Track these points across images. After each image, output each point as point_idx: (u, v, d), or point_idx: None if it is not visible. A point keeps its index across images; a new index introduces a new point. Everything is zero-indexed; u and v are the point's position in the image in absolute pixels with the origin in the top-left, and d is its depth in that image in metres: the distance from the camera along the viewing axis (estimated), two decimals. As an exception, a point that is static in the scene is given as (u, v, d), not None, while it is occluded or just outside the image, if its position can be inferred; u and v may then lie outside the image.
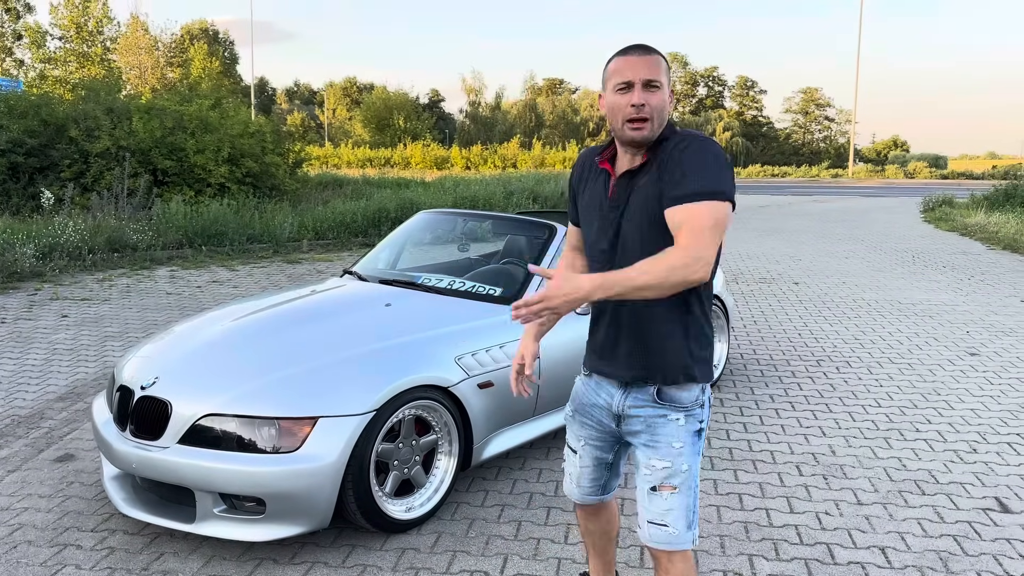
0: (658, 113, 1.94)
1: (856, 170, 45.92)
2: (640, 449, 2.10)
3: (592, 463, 2.28)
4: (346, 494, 3.01)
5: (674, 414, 2.05)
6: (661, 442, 2.05)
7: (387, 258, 4.70)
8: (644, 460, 2.08)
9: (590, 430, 2.24)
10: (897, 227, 14.26)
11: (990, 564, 3.02)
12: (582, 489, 2.35)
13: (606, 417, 2.17)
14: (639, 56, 1.96)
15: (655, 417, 2.06)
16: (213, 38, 57.36)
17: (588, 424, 2.24)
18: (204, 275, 9.22)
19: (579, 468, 2.31)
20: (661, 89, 1.95)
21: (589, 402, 2.22)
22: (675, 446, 2.04)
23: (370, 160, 45.39)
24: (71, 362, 5.62)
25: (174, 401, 3.07)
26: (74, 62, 35.86)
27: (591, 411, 2.21)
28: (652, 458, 2.06)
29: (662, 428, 2.05)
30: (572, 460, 2.33)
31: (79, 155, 12.92)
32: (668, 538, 2.06)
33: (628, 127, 1.94)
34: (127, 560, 3.01)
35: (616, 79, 1.96)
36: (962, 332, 6.60)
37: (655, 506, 2.06)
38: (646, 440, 2.07)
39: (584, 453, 2.28)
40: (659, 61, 1.96)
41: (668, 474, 2.04)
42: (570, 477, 2.36)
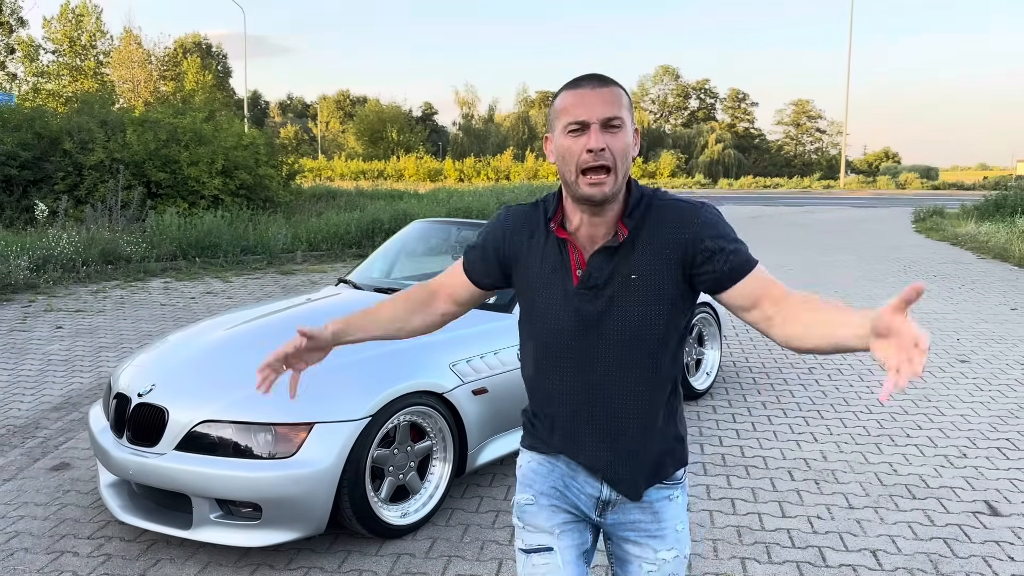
0: (622, 159, 1.51)
1: (848, 181, 46.20)
2: (640, 545, 1.69)
3: (575, 555, 1.71)
4: (342, 499, 3.04)
5: (674, 492, 1.71)
6: (667, 528, 1.69)
7: (382, 267, 4.74)
8: (649, 555, 1.69)
9: (564, 514, 1.72)
10: (888, 237, 14.36)
11: (979, 566, 3.06)
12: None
13: (586, 503, 1.71)
14: (593, 89, 1.53)
15: (660, 501, 1.69)
16: (206, 52, 57.48)
17: (561, 508, 1.72)
18: (198, 286, 9.24)
19: (559, 568, 1.68)
20: (623, 129, 1.52)
21: (560, 483, 1.72)
22: (679, 529, 1.71)
23: (363, 172, 45.49)
24: (66, 373, 5.63)
25: (170, 408, 3.09)
26: (67, 76, 35.90)
27: (566, 492, 1.72)
28: (660, 550, 1.68)
29: (666, 512, 1.69)
30: (543, 565, 1.70)
31: (73, 168, 12.94)
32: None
33: (584, 181, 1.51)
34: (124, 566, 3.02)
35: (566, 119, 1.53)
36: (953, 340, 6.66)
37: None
38: (652, 531, 1.69)
39: (562, 543, 1.70)
40: (619, 94, 1.54)
41: (676, 564, 1.70)
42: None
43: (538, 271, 1.65)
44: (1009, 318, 7.52)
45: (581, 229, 1.61)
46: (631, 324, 1.57)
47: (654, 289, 1.57)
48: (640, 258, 1.56)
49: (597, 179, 1.50)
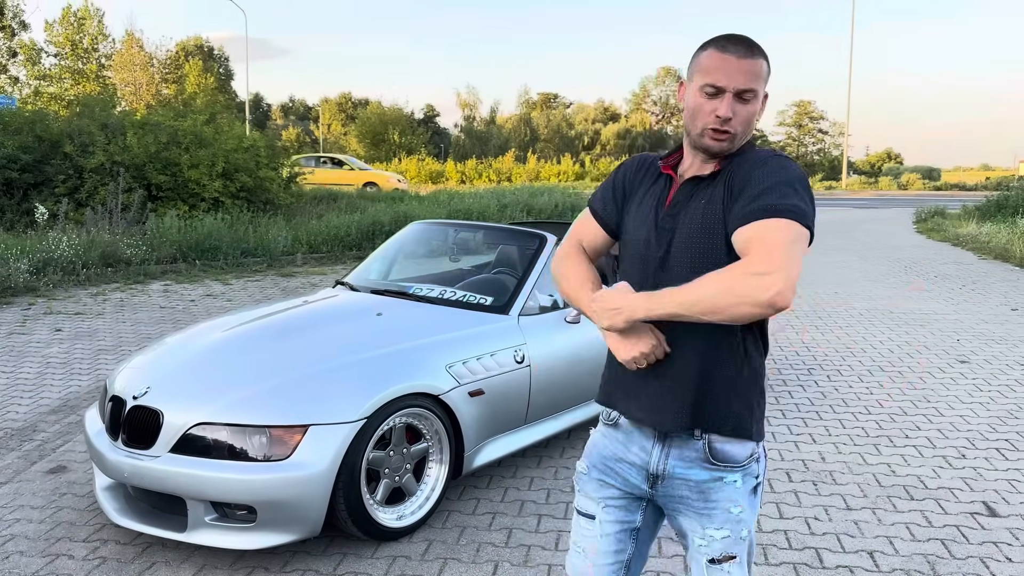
0: (744, 127, 1.66)
1: (850, 182, 46.14)
2: (689, 518, 1.75)
3: (616, 529, 1.81)
4: (337, 502, 3.03)
5: (730, 476, 1.71)
6: (718, 508, 1.72)
7: (379, 269, 4.73)
8: (697, 530, 1.75)
9: (611, 489, 1.81)
10: (890, 237, 14.33)
11: (977, 567, 3.05)
12: (598, 568, 1.82)
13: (636, 476, 1.78)
14: (739, 57, 1.62)
15: (709, 482, 1.71)
16: (208, 54, 57.54)
17: (608, 483, 1.81)
18: (198, 289, 9.24)
19: (598, 538, 1.81)
20: (754, 100, 1.65)
21: (613, 456, 1.81)
22: (733, 511, 1.72)
23: (365, 175, 45.51)
24: (64, 375, 5.63)
25: (166, 410, 3.09)
26: (69, 79, 35.94)
27: (615, 467, 1.80)
28: (708, 527, 1.73)
29: (717, 493, 1.72)
30: (586, 529, 1.83)
31: (74, 170, 12.95)
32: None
33: (708, 135, 1.65)
34: (119, 570, 3.02)
35: (705, 79, 1.64)
36: (953, 340, 6.64)
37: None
38: (700, 508, 1.73)
39: (605, 517, 1.81)
40: (760, 65, 1.64)
41: (728, 544, 1.73)
42: (582, 553, 1.84)
43: (640, 205, 1.79)
44: (1010, 318, 7.50)
45: (689, 171, 1.74)
46: (694, 246, 1.67)
47: (716, 213, 1.64)
48: (716, 190, 1.67)
49: (719, 138, 1.65)
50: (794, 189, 1.58)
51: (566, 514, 3.50)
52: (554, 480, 3.86)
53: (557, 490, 3.74)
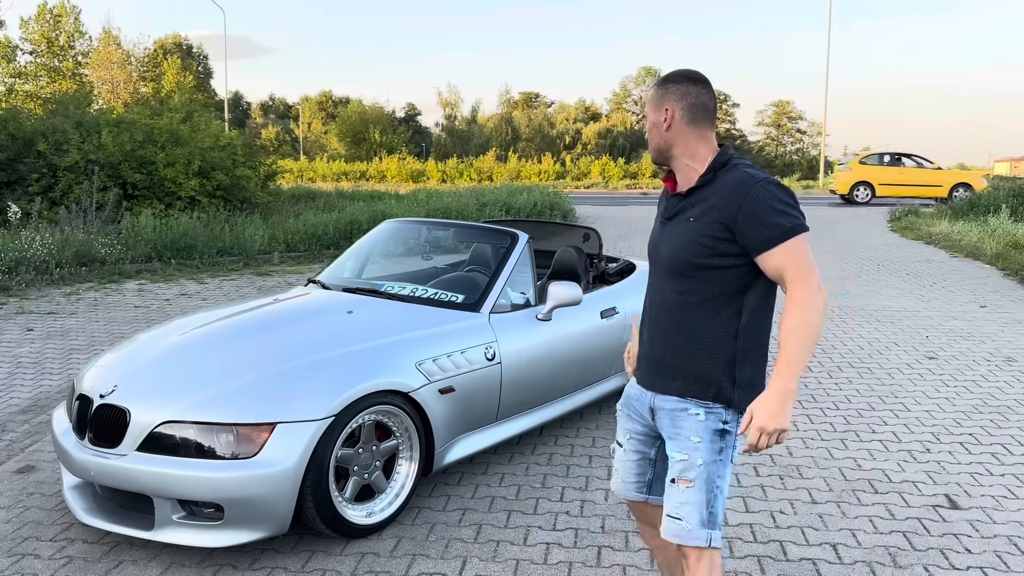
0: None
1: (827, 181, 46.46)
2: (666, 442, 2.17)
3: (635, 457, 2.33)
4: (305, 499, 3.04)
5: (694, 408, 2.09)
6: (681, 435, 2.10)
7: (352, 267, 4.73)
8: (668, 453, 2.15)
9: (635, 423, 2.31)
10: (864, 236, 14.48)
11: (937, 558, 3.10)
12: (626, 484, 2.36)
13: (644, 410, 2.25)
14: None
15: (677, 411, 2.12)
16: (187, 52, 57.11)
17: (633, 417, 2.31)
18: (173, 288, 9.18)
19: (624, 462, 2.35)
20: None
21: (633, 395, 2.31)
22: (692, 440, 2.08)
23: (345, 174, 45.28)
24: (35, 375, 5.59)
25: (132, 409, 3.08)
26: (45, 77, 35.53)
27: (634, 403, 2.30)
28: (673, 450, 2.12)
29: (683, 421, 2.11)
30: (618, 454, 2.38)
31: (47, 169, 12.82)
32: (680, 532, 2.07)
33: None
34: (85, 569, 3.01)
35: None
36: (922, 337, 6.74)
37: (672, 499, 2.11)
38: (669, 433, 2.14)
39: (628, 447, 2.33)
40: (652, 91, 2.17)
41: (684, 467, 2.08)
42: (615, 471, 2.40)
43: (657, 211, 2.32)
44: (978, 315, 7.61)
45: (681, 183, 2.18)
46: (677, 249, 2.10)
47: (695, 225, 2.07)
48: (699, 203, 2.08)
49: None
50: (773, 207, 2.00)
51: (536, 510, 3.52)
52: (525, 476, 3.88)
53: (528, 486, 3.77)
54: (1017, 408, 4.89)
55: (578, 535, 3.29)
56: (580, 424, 4.59)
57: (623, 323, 4.62)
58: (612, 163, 44.70)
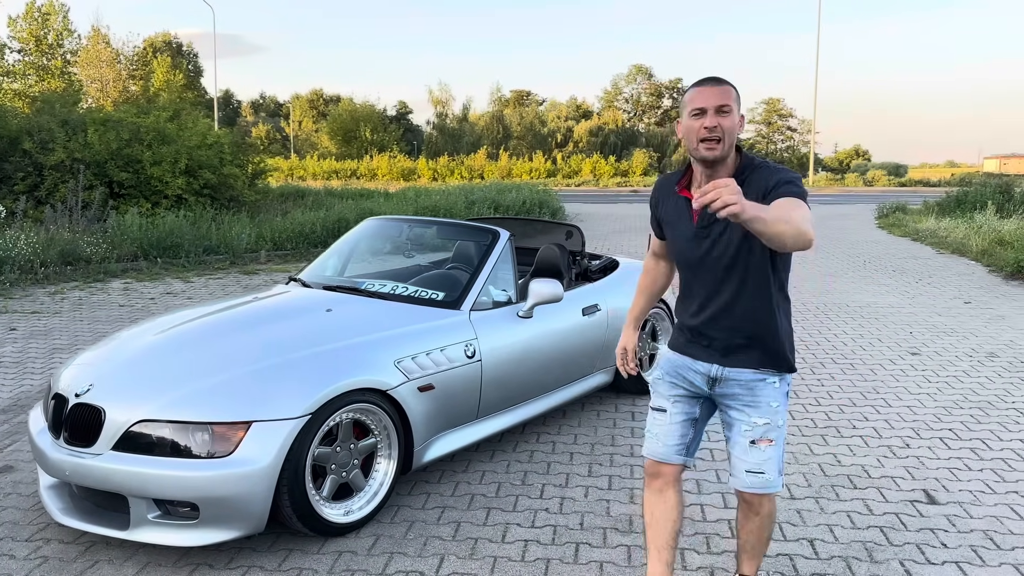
0: (728, 134, 2.22)
1: (816, 179, 46.59)
2: (738, 410, 2.39)
3: (682, 417, 2.49)
4: (281, 498, 3.02)
5: (772, 377, 2.36)
6: (761, 402, 2.35)
7: (334, 265, 4.72)
8: (743, 419, 2.37)
9: (680, 389, 2.49)
10: (851, 233, 14.53)
11: (913, 553, 3.12)
12: (668, 447, 2.49)
13: (700, 380, 2.44)
14: (712, 87, 2.25)
15: (754, 381, 2.36)
16: (177, 51, 56.86)
17: (678, 384, 2.49)
18: (158, 287, 9.15)
19: (668, 424, 2.50)
20: (731, 113, 2.23)
21: (683, 366, 2.47)
22: (772, 405, 2.36)
23: (336, 172, 45.23)
24: (16, 375, 5.55)
25: (108, 408, 3.07)
26: (33, 75, 35.32)
27: (683, 373, 2.47)
28: (752, 416, 2.36)
29: (761, 390, 2.35)
30: (659, 419, 2.52)
31: (33, 168, 12.75)
32: (764, 484, 2.38)
33: (703, 146, 2.23)
34: (61, 569, 2.99)
35: (691, 106, 2.26)
36: (905, 333, 6.76)
37: (753, 457, 2.37)
38: (747, 401, 2.37)
39: (675, 409, 2.49)
40: (729, 90, 2.25)
41: (767, 429, 2.36)
42: (655, 437, 2.52)
43: (672, 221, 2.44)
44: (962, 311, 7.64)
45: (702, 184, 2.29)
46: (731, 253, 2.29)
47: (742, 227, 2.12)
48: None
49: (712, 144, 2.22)
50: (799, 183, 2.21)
51: (515, 507, 3.52)
52: (505, 474, 3.88)
53: (508, 483, 3.76)
54: (998, 403, 4.92)
55: (556, 532, 3.29)
56: (562, 421, 4.59)
57: (605, 320, 4.62)
58: (603, 161, 44.78)
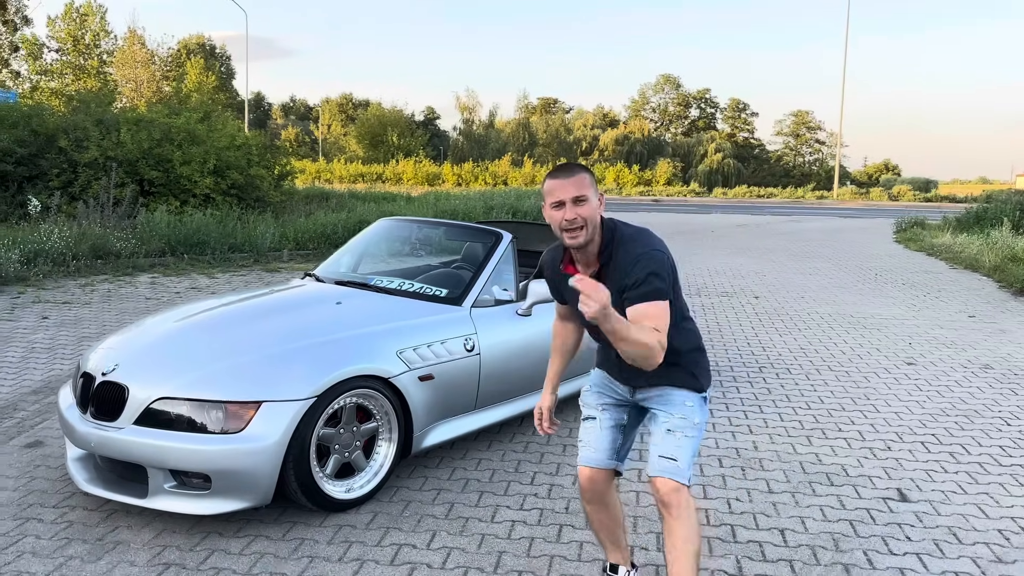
0: (589, 221, 2.37)
1: (841, 192, 46.40)
2: (658, 413, 2.56)
3: (611, 423, 2.67)
4: (287, 473, 3.27)
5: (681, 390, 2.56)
6: (675, 401, 2.54)
7: (348, 262, 4.98)
8: (662, 411, 2.55)
9: (607, 398, 2.70)
10: (867, 246, 14.61)
11: (877, 544, 3.30)
12: (600, 452, 2.65)
13: (623, 391, 2.66)
14: (566, 178, 2.39)
15: (668, 389, 2.56)
16: (210, 53, 57.83)
17: (605, 394, 2.71)
18: (184, 282, 9.49)
19: (598, 431, 2.67)
20: (588, 201, 2.37)
21: (607, 381, 2.71)
22: (687, 404, 2.53)
23: (362, 175, 45.77)
24: (48, 359, 5.87)
25: (131, 385, 3.34)
26: (70, 74, 36.14)
27: (608, 384, 2.70)
28: (669, 412, 2.53)
29: (671, 395, 2.55)
30: (589, 427, 2.69)
31: (68, 165, 13.20)
32: (674, 470, 2.44)
33: (566, 235, 2.39)
34: (84, 532, 3.26)
35: (550, 198, 2.41)
36: (905, 344, 6.90)
37: (668, 443, 2.48)
38: (663, 403, 2.56)
39: (604, 416, 2.68)
40: (583, 178, 2.40)
41: (684, 424, 2.50)
42: (587, 445, 2.68)
43: (569, 292, 2.53)
44: (965, 325, 7.76)
45: (578, 260, 2.50)
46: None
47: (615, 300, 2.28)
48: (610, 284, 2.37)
49: (573, 235, 2.39)
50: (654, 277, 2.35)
51: (507, 491, 3.75)
52: (500, 462, 4.11)
53: (502, 470, 3.99)
54: (984, 412, 5.07)
55: (543, 514, 3.51)
56: (559, 416, 4.80)
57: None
58: (627, 170, 44.92)
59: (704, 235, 18.37)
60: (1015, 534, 3.42)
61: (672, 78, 79.17)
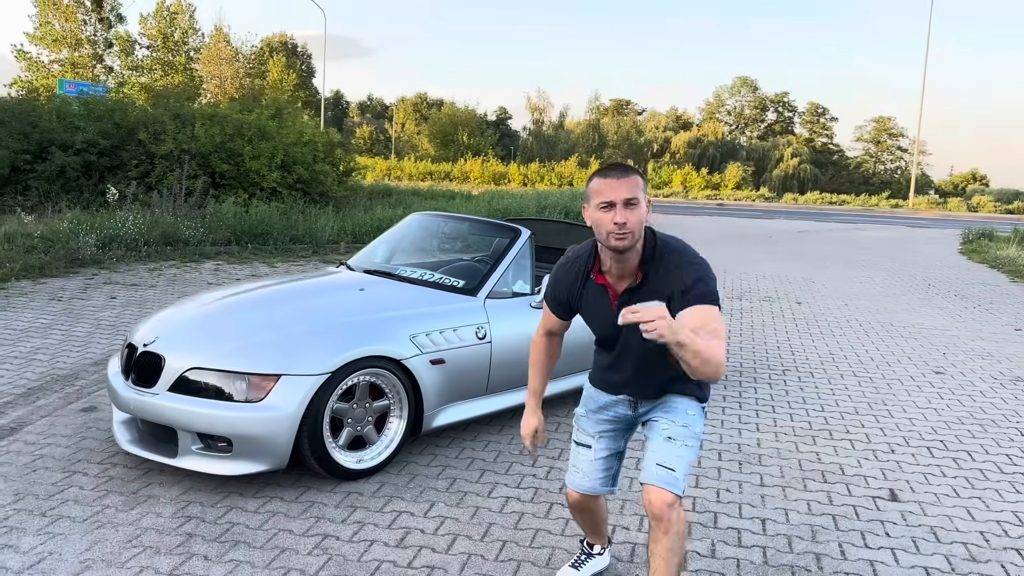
0: (637, 227, 2.27)
1: (917, 201, 44.97)
2: (659, 419, 2.49)
3: (606, 453, 2.63)
4: (302, 441, 3.59)
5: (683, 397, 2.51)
6: (677, 409, 2.48)
7: (382, 253, 5.29)
8: (662, 420, 2.48)
9: (605, 425, 2.62)
10: (928, 257, 14.31)
11: (854, 538, 3.42)
12: (593, 481, 2.64)
13: (623, 407, 2.59)
14: (618, 179, 2.28)
15: (671, 395, 2.51)
16: (292, 51, 59.57)
17: (604, 420, 2.63)
18: (245, 269, 10.01)
19: (592, 460, 2.63)
20: (638, 205, 2.27)
21: (606, 401, 2.61)
22: (689, 413, 2.48)
23: (431, 173, 46.57)
24: (111, 335, 6.37)
25: (167, 356, 3.70)
26: (159, 70, 37.73)
27: (607, 408, 2.61)
28: (671, 419, 2.46)
29: (675, 401, 2.49)
30: (583, 454, 2.65)
31: (146, 156, 13.98)
32: (671, 480, 2.36)
33: (613, 238, 2.27)
34: (121, 486, 3.64)
35: (599, 199, 2.28)
36: (939, 354, 6.86)
37: (667, 452, 2.40)
38: (665, 411, 2.49)
39: (599, 445, 2.63)
40: (636, 181, 2.29)
41: (685, 433, 2.44)
42: (579, 471, 2.66)
43: (591, 306, 2.52)
44: (1007, 337, 7.63)
45: (612, 269, 2.41)
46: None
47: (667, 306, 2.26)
48: (650, 294, 2.32)
49: (620, 238, 2.27)
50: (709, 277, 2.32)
51: (508, 471, 3.99)
52: (507, 445, 4.35)
53: (507, 452, 4.23)
54: (1001, 422, 5.06)
55: (536, 493, 3.74)
56: (572, 405, 5.00)
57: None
58: (695, 173, 44.49)
59: (761, 240, 18.22)
60: (996, 536, 3.49)
61: (749, 80, 77.98)
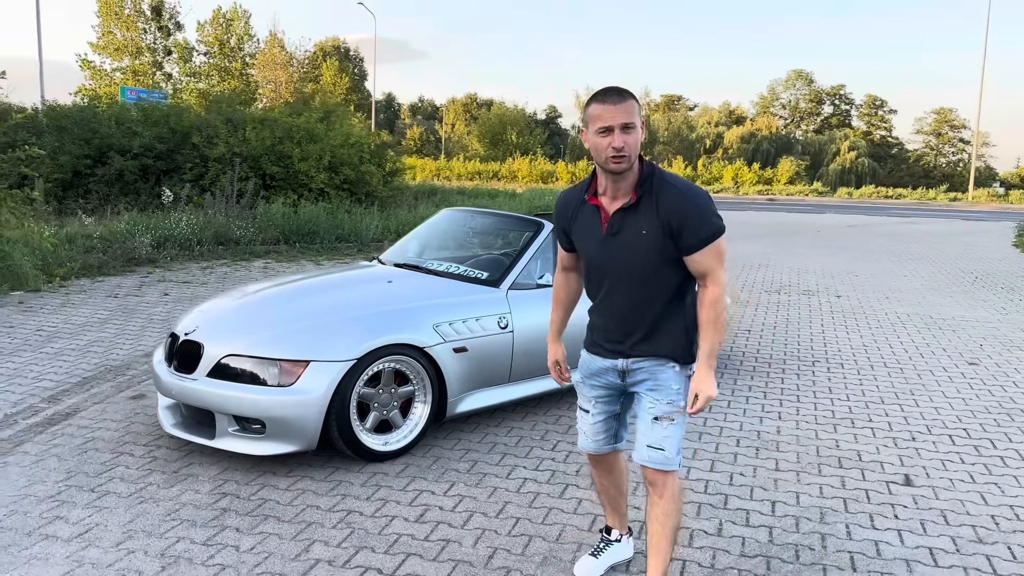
0: (634, 150, 2.38)
1: (976, 194, 43.66)
2: (644, 394, 2.58)
3: (603, 416, 2.77)
4: (330, 424, 3.80)
5: (671, 363, 2.56)
6: (663, 385, 2.55)
7: (414, 247, 5.49)
8: (648, 399, 2.57)
9: (599, 391, 2.74)
10: (979, 250, 14.00)
11: (863, 520, 3.48)
12: (597, 442, 2.81)
13: (612, 375, 2.67)
14: (615, 104, 2.36)
15: (656, 367, 2.57)
16: (344, 55, 60.59)
17: (597, 386, 2.74)
18: (293, 267, 10.34)
19: (592, 424, 2.78)
20: (635, 129, 2.37)
21: (597, 368, 2.70)
22: (674, 387, 2.56)
23: (479, 173, 46.94)
24: (162, 330, 6.71)
25: (206, 344, 3.95)
26: (216, 76, 38.77)
27: (599, 375, 2.71)
28: (656, 397, 2.55)
29: (662, 374, 2.55)
30: (585, 419, 2.81)
31: (199, 160, 14.49)
32: (664, 460, 2.54)
33: (611, 161, 2.38)
34: (164, 465, 3.90)
35: (597, 124, 2.37)
36: (975, 345, 6.79)
37: (655, 433, 2.54)
38: (651, 385, 2.57)
39: (595, 410, 2.77)
40: (632, 106, 2.37)
41: (670, 409, 2.55)
42: (584, 434, 2.83)
43: (582, 229, 2.61)
44: (1051, 329, 7.49)
45: (607, 192, 2.52)
46: (635, 257, 2.49)
47: (650, 236, 2.45)
48: (644, 216, 2.45)
49: (618, 161, 2.39)
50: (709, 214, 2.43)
51: (528, 455, 4.14)
52: (530, 431, 4.50)
53: (528, 438, 4.39)
54: (1030, 412, 5.03)
55: (553, 475, 3.89)
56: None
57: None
58: (746, 168, 43.95)
59: (807, 234, 18.01)
60: (1007, 520, 3.52)
61: (804, 73, 76.52)
